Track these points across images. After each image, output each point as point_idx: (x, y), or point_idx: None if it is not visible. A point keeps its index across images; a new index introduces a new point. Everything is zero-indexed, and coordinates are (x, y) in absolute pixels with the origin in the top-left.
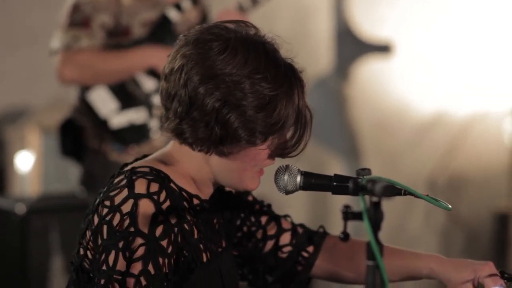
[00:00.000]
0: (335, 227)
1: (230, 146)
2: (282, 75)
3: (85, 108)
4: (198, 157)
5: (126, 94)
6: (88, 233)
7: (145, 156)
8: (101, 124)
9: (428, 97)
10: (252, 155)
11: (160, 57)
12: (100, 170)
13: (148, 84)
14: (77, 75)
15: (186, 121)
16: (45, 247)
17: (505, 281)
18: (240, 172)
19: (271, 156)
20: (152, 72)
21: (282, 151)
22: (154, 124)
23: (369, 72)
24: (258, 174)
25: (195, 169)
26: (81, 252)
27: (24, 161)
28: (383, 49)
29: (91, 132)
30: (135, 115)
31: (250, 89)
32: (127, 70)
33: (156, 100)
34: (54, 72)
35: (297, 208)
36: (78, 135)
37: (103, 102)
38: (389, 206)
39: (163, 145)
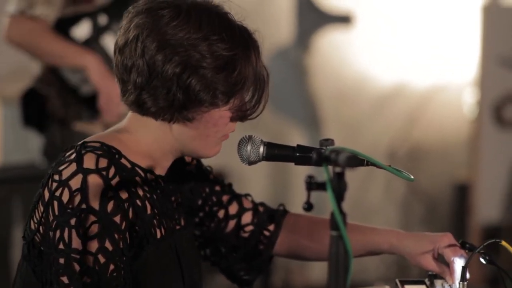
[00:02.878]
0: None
1: (193, 111)
2: (238, 36)
3: (53, 77)
4: (158, 128)
5: None
6: (40, 207)
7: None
8: (71, 92)
9: (389, 68)
10: (215, 120)
11: (94, 64)
12: (63, 141)
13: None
14: (19, 41)
15: (146, 91)
16: (6, 217)
17: (467, 251)
18: (203, 139)
19: (233, 120)
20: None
21: (242, 113)
22: None
23: (329, 43)
24: (221, 139)
25: (154, 141)
26: (33, 226)
27: None
28: (344, 20)
29: (57, 101)
30: None
31: (208, 50)
32: (58, 57)
33: None
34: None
35: (258, 181)
36: (41, 105)
37: (72, 70)
38: (348, 178)
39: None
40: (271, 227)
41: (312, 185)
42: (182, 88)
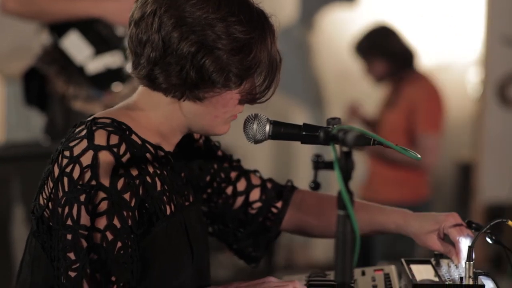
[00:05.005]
0: (298, 177)
1: (205, 91)
2: (255, 19)
3: (59, 55)
4: (168, 104)
5: (100, 39)
6: (50, 183)
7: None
8: (77, 71)
9: None
10: (225, 101)
11: (106, 8)
12: (64, 119)
13: (121, 27)
14: (17, 8)
15: (159, 67)
16: (7, 195)
17: (473, 230)
18: (212, 119)
19: (242, 102)
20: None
21: (252, 96)
22: (129, 66)
23: (333, 21)
24: (230, 119)
25: (163, 117)
26: (42, 202)
27: None
28: None
29: (59, 80)
30: (111, 59)
31: (225, 32)
32: (72, 14)
33: None
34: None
35: (262, 159)
36: (42, 84)
37: (78, 48)
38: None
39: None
40: (279, 204)
41: (320, 164)
42: (196, 68)
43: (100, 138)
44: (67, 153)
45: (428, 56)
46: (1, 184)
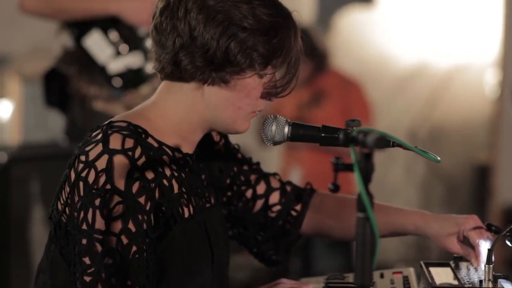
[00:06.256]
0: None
1: (231, 71)
2: (280, 6)
3: (81, 55)
4: (190, 94)
5: (121, 39)
6: (67, 188)
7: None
8: (99, 70)
9: (410, 49)
10: (248, 90)
11: (124, 6)
12: (84, 120)
13: (142, 28)
14: (35, 7)
15: (184, 50)
16: (26, 196)
17: (493, 233)
18: (234, 110)
19: (263, 96)
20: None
21: (274, 90)
22: (150, 67)
23: (350, 23)
24: (250, 115)
25: (184, 112)
26: (59, 207)
27: (4, 109)
28: (365, 0)
29: (80, 80)
30: (132, 59)
31: (251, 12)
32: (90, 11)
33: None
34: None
35: (275, 161)
36: (63, 85)
37: (100, 48)
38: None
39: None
40: (298, 207)
41: (339, 166)
42: (222, 48)
43: (115, 142)
44: (82, 158)
45: (446, 57)
46: (20, 184)
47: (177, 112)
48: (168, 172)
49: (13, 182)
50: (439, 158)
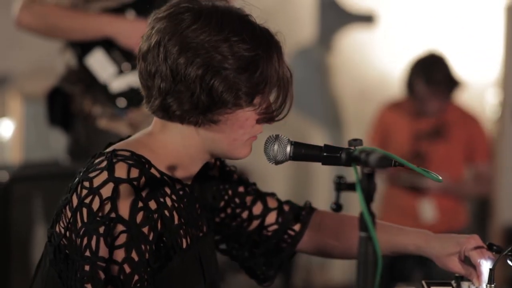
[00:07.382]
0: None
1: (218, 112)
2: (259, 36)
3: (84, 74)
4: (185, 132)
5: (123, 58)
6: (68, 213)
7: (129, 136)
8: (101, 89)
9: None
10: (240, 122)
11: (118, 28)
12: (88, 139)
13: (135, 51)
14: (31, 23)
15: (170, 95)
16: (27, 215)
17: (494, 253)
18: (230, 142)
19: (259, 122)
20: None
21: (269, 114)
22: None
23: (352, 42)
24: (249, 141)
25: (182, 146)
26: (58, 230)
27: (5, 128)
28: (366, 19)
29: (84, 99)
30: (134, 78)
31: (230, 51)
32: (81, 32)
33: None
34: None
35: (280, 179)
36: (66, 104)
37: (102, 66)
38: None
39: None
40: (297, 227)
41: (342, 185)
42: (206, 90)
43: (120, 170)
44: (86, 184)
45: None
46: (22, 203)
47: (175, 146)
48: (169, 203)
49: (15, 201)
50: (440, 178)
